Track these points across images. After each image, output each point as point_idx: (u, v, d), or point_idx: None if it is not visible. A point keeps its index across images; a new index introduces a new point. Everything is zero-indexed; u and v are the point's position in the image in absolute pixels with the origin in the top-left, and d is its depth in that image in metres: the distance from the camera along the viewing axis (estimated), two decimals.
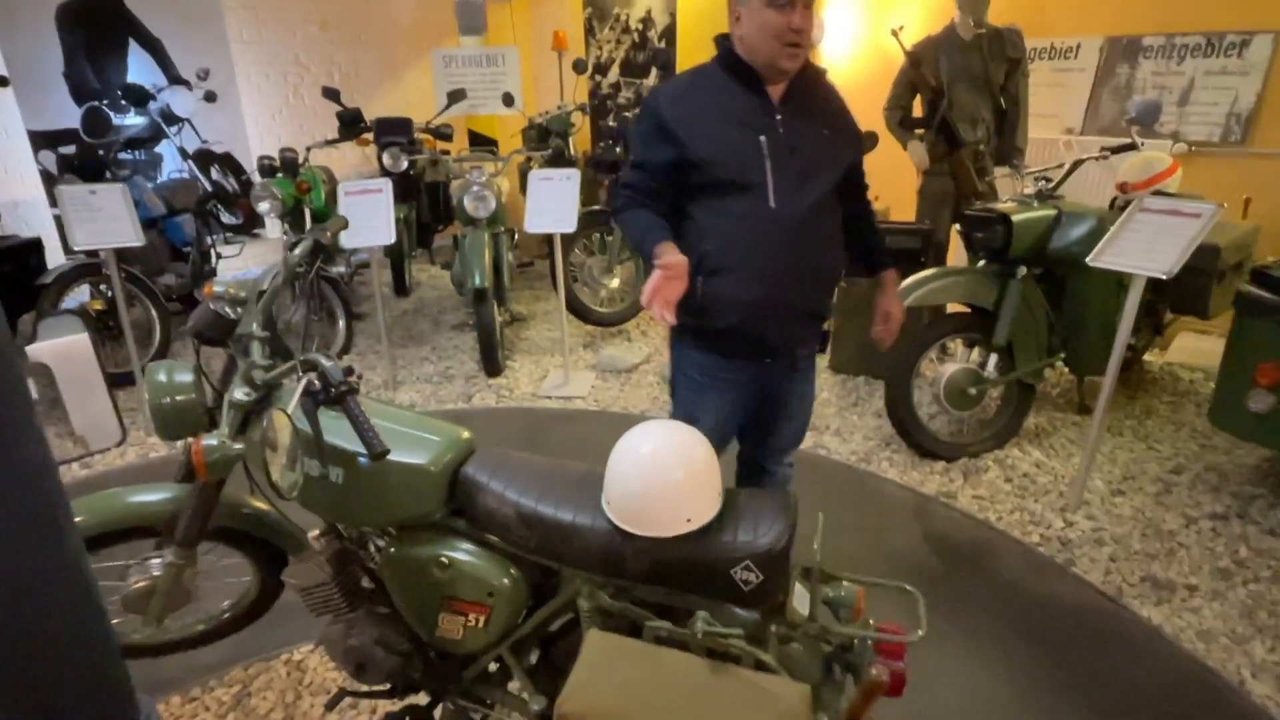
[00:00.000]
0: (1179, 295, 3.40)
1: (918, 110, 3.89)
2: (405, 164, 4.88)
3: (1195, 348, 4.00)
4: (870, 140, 3.79)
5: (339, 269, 4.44)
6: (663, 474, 1.28)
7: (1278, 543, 2.57)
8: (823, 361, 4.14)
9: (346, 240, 3.59)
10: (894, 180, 4.56)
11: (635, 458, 1.30)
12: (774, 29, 1.61)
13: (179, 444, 1.74)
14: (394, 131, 4.95)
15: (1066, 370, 3.43)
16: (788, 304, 1.78)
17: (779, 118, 1.70)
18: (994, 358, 3.02)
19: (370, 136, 5.04)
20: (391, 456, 1.37)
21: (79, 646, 1.17)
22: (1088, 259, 2.52)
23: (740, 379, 1.87)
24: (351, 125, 4.79)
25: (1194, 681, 2.04)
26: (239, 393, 1.46)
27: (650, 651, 1.27)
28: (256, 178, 4.17)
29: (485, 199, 3.98)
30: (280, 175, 4.08)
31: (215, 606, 1.96)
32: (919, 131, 3.85)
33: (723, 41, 1.76)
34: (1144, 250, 2.44)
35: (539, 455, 1.54)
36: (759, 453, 2.07)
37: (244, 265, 5.63)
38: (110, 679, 1.24)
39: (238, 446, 1.42)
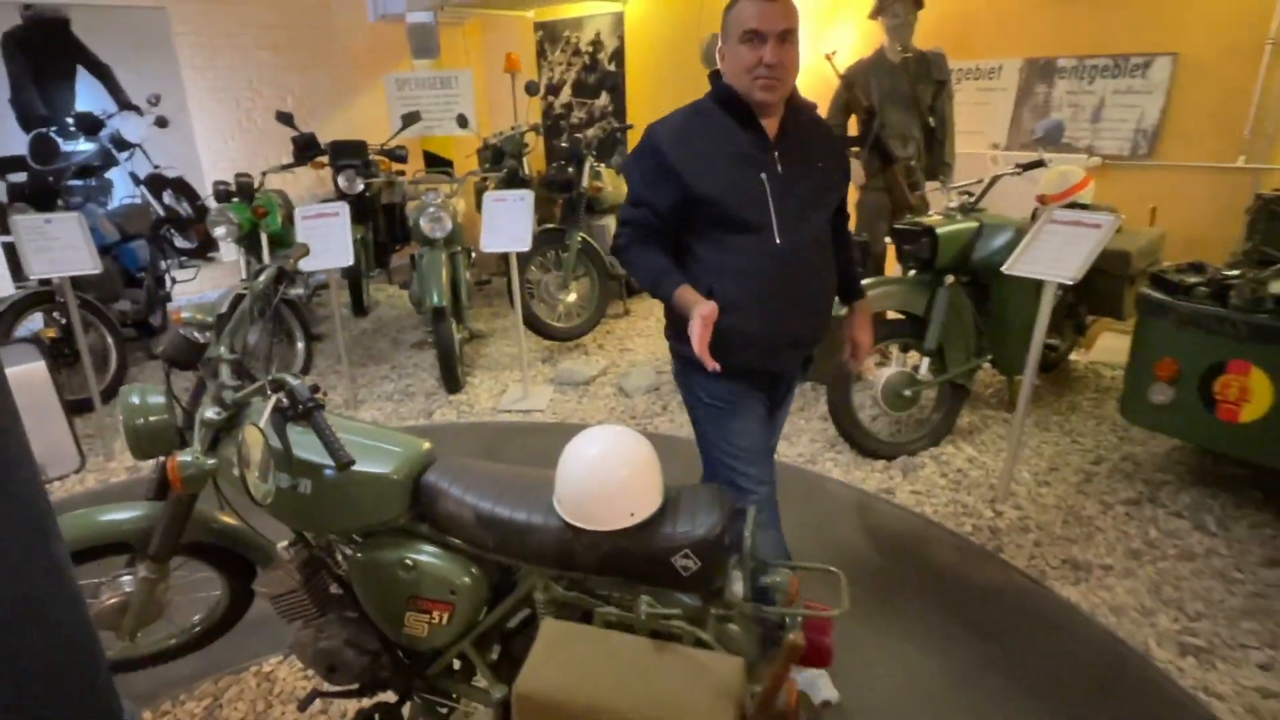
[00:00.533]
0: (1096, 298, 3.66)
1: (853, 129, 4.11)
2: (361, 186, 4.96)
3: (1116, 347, 4.27)
4: None
5: (297, 291, 4.50)
6: (608, 473, 1.41)
7: (1182, 524, 2.80)
8: None
9: (305, 263, 3.66)
10: None
11: (583, 459, 1.44)
12: (746, 64, 1.65)
13: (150, 463, 1.82)
14: (349, 154, 5.03)
15: (995, 370, 3.65)
16: (793, 335, 1.84)
17: (776, 154, 1.73)
18: (927, 361, 3.22)
19: (325, 160, 5.10)
20: (357, 467, 1.47)
21: (71, 657, 1.25)
22: (1003, 267, 2.74)
23: (756, 395, 1.90)
24: (307, 150, 4.85)
25: (1106, 652, 2.24)
26: (210, 412, 1.55)
27: (600, 635, 1.39)
28: (212, 203, 4.21)
29: (441, 220, 4.08)
30: (236, 200, 4.13)
31: (186, 621, 2.03)
32: (854, 149, 4.07)
33: (716, 78, 1.78)
34: (1053, 258, 2.66)
35: (494, 463, 1.66)
36: (730, 476, 2.06)
37: (199, 289, 5.62)
38: (99, 687, 1.33)
39: (211, 462, 1.51)
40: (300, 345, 4.25)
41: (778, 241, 1.72)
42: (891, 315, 3.37)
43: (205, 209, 5.47)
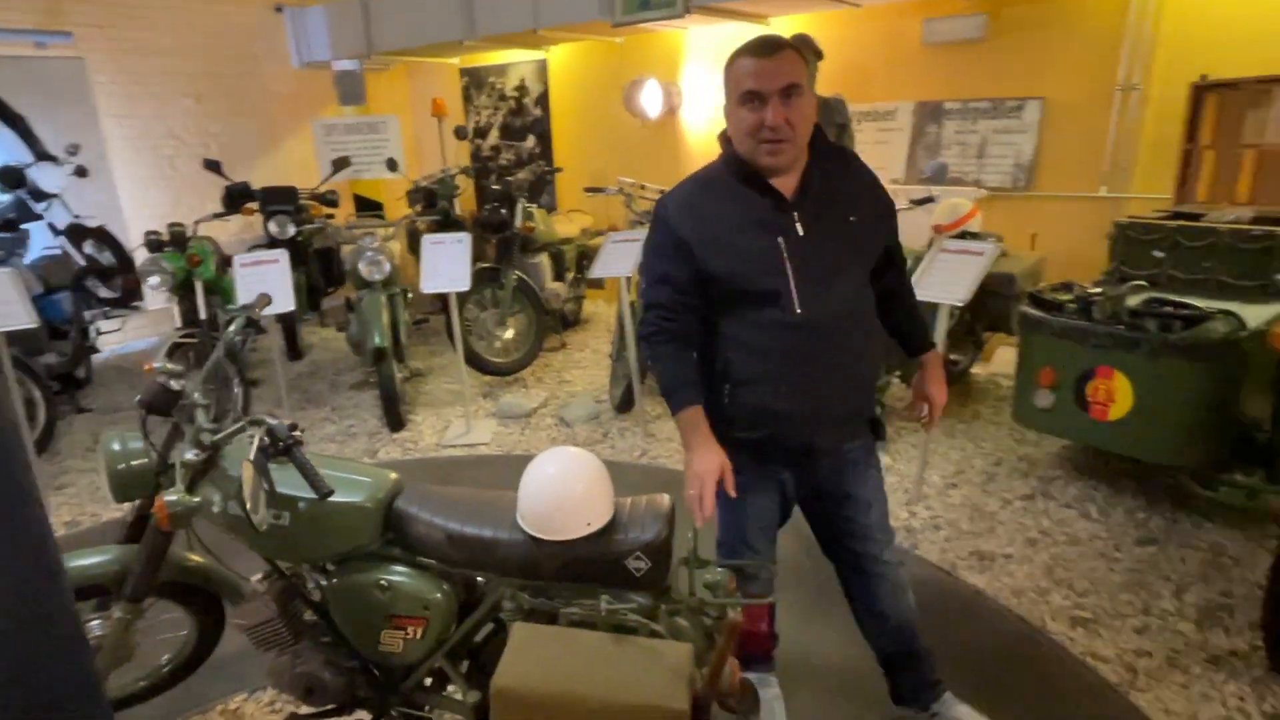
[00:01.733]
0: (990, 316, 4.08)
1: None
2: (293, 231, 5.02)
3: (1011, 359, 4.72)
4: None
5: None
6: (566, 489, 1.60)
7: (1070, 513, 3.16)
8: None
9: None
10: None
11: (543, 477, 1.62)
12: (748, 127, 1.55)
13: (126, 506, 1.89)
14: (280, 200, 5.08)
15: (906, 385, 4.00)
16: (822, 411, 1.68)
17: (796, 215, 1.60)
18: None
19: (255, 206, 5.14)
20: (334, 497, 1.61)
21: (74, 688, 1.34)
22: None
23: (775, 481, 1.79)
24: (241, 198, 4.89)
25: (1009, 629, 2.52)
26: (189, 454, 1.66)
27: (565, 633, 1.57)
28: (143, 252, 4.21)
29: (379, 263, 4.20)
30: (169, 249, 4.15)
31: (154, 662, 2.08)
32: None
33: (725, 141, 1.68)
34: (946, 283, 3.00)
35: (456, 487, 1.82)
36: (847, 557, 1.91)
37: (124, 340, 5.52)
38: (97, 699, 1.42)
39: (197, 499, 1.62)
40: (237, 390, 4.26)
41: (798, 311, 1.59)
42: None
43: (130, 258, 5.41)
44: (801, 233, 1.60)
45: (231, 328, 1.86)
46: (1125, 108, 4.20)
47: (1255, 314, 2.81)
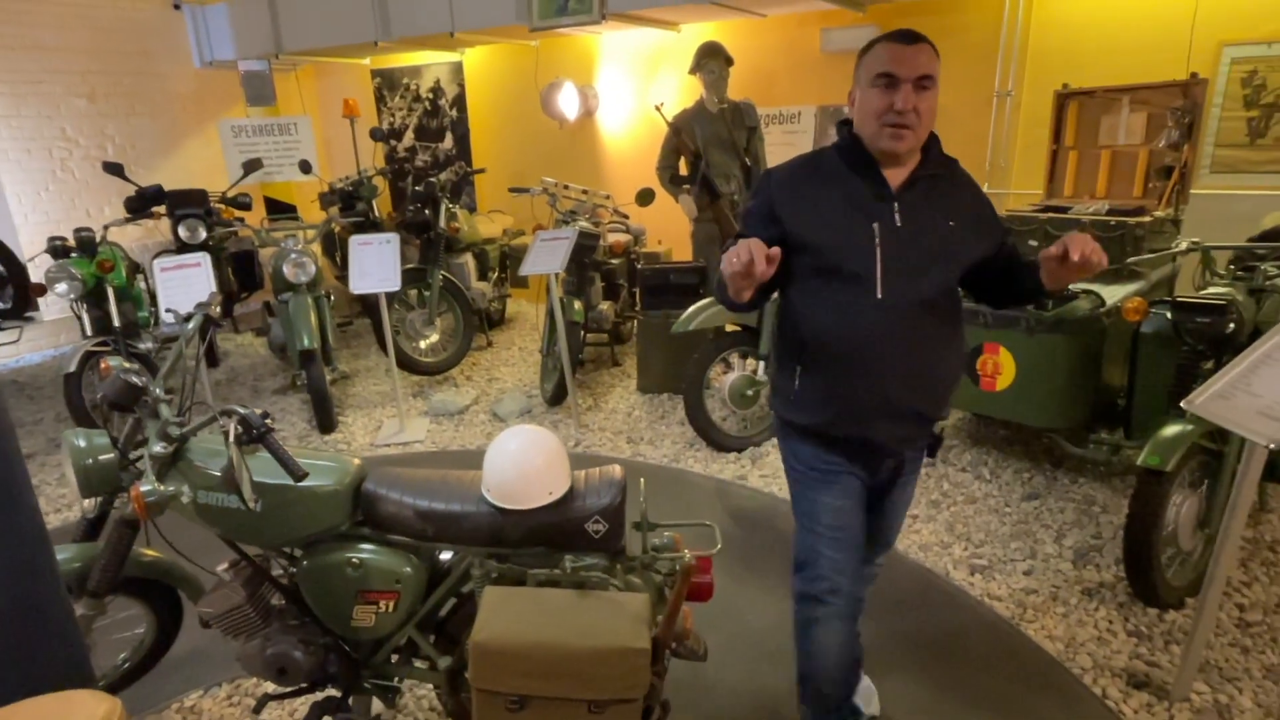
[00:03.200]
0: None
1: (684, 169, 4.68)
2: (204, 235, 4.90)
3: None
4: (645, 196, 4.52)
5: (145, 345, 4.38)
6: (528, 461, 1.74)
7: (967, 476, 3.52)
8: (633, 384, 4.77)
9: (168, 316, 3.64)
10: (673, 228, 5.37)
11: (506, 452, 1.76)
12: (876, 109, 1.55)
13: (87, 503, 1.91)
14: (188, 203, 4.94)
15: None
16: (890, 402, 1.65)
17: (896, 205, 1.60)
18: (763, 364, 3.79)
19: (162, 210, 4.98)
20: (306, 483, 1.71)
21: (68, 671, 1.40)
22: None
23: (846, 470, 1.74)
24: (151, 201, 4.74)
25: (919, 579, 2.83)
26: (157, 447, 1.71)
27: (533, 591, 1.72)
28: (47, 259, 4.04)
29: (305, 265, 4.19)
30: (76, 255, 4.00)
31: (112, 661, 2.09)
32: (686, 186, 4.64)
33: (842, 126, 1.70)
34: None
35: (420, 469, 1.93)
36: None
37: (18, 353, 5.23)
38: (86, 676, 1.48)
39: (172, 488, 1.68)
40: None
41: (879, 295, 1.59)
42: (730, 328, 3.92)
43: (22, 266, 5.13)
44: (899, 223, 1.59)
45: (190, 325, 1.90)
46: (1002, 113, 4.66)
47: (1112, 293, 3.23)
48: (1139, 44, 4.22)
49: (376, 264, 3.95)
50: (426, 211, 4.90)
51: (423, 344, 4.96)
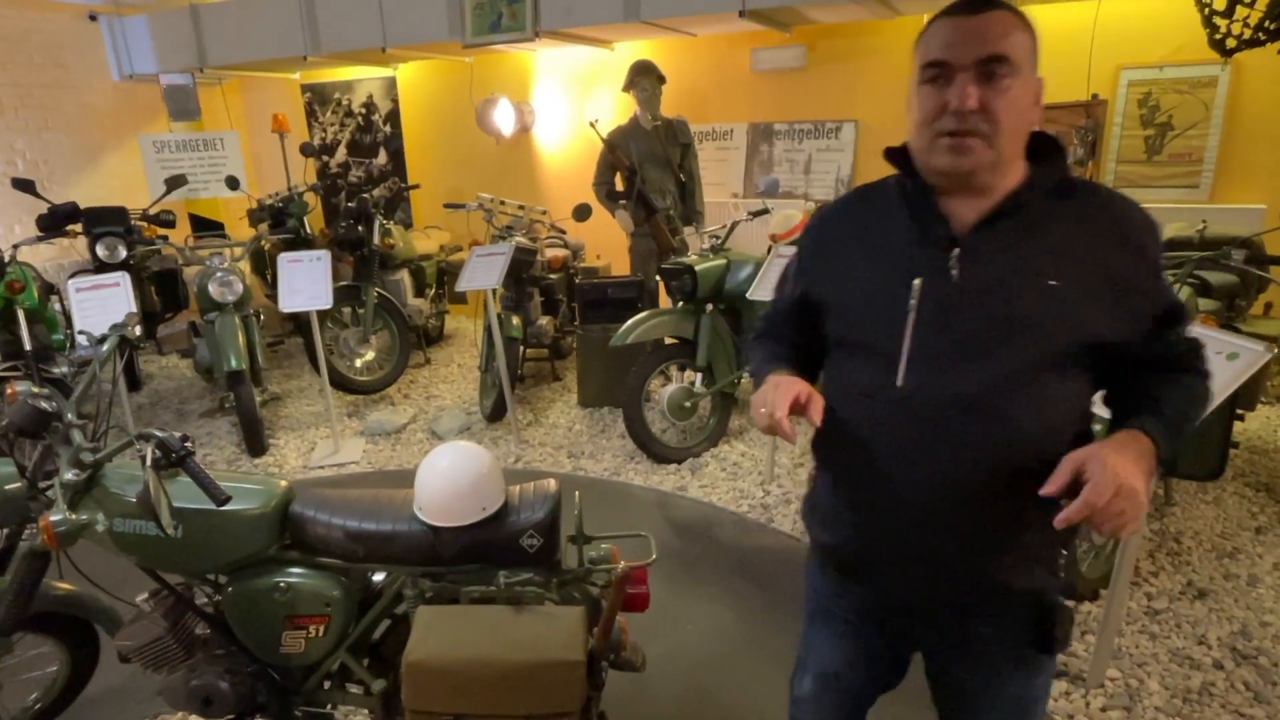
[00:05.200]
0: None
1: (619, 185, 4.74)
2: (124, 254, 4.71)
3: None
4: (582, 211, 4.56)
5: (61, 369, 4.18)
6: (460, 477, 1.74)
7: None
8: (573, 399, 4.77)
9: (82, 338, 3.49)
10: (611, 242, 5.41)
11: (438, 470, 1.75)
12: (925, 112, 1.08)
13: None
14: (107, 221, 4.75)
15: None
16: (912, 543, 1.15)
17: (957, 253, 1.09)
18: (700, 376, 3.85)
19: (79, 228, 4.77)
20: (229, 507, 1.66)
21: None
22: (748, 294, 3.43)
23: (857, 621, 1.30)
24: (66, 219, 4.54)
25: None
26: (69, 474, 1.65)
27: (467, 609, 1.71)
28: None
29: (231, 283, 4.07)
30: None
31: (21, 703, 1.99)
32: (622, 202, 4.69)
33: (894, 152, 1.21)
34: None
35: (350, 489, 1.91)
36: None
37: None
38: None
39: (84, 517, 1.62)
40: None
41: (899, 383, 1.10)
42: (669, 340, 3.97)
43: None
44: (955, 276, 1.09)
45: (105, 347, 1.84)
46: None
47: None
48: (1044, 66, 4.45)
49: (307, 281, 3.87)
50: (360, 228, 4.83)
51: (358, 362, 4.86)
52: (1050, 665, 1.24)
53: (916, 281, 1.10)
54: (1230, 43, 3.03)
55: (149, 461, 1.53)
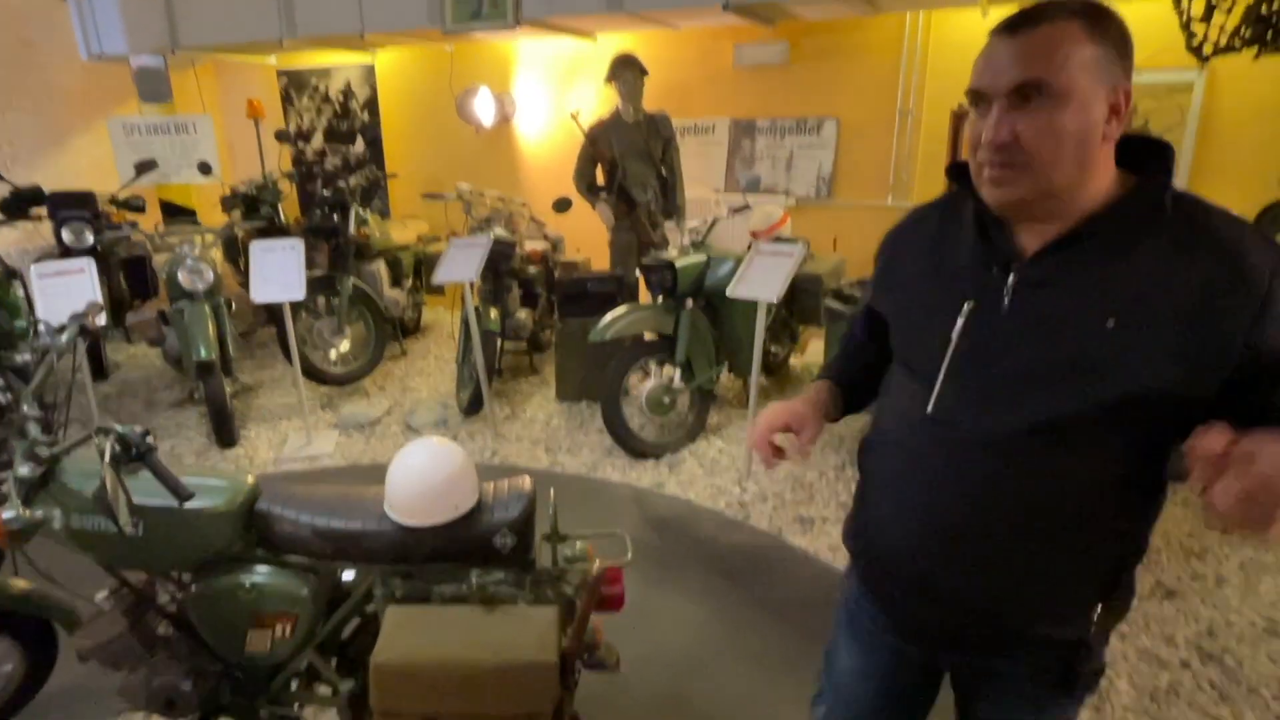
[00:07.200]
0: (803, 311, 4.56)
1: (600, 178, 4.70)
2: (91, 240, 4.59)
3: (822, 349, 5.29)
4: (563, 204, 4.51)
5: (22, 357, 4.06)
6: (432, 476, 1.71)
7: None
8: (551, 392, 4.74)
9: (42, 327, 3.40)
10: (591, 235, 5.37)
11: (409, 468, 1.72)
12: (968, 141, 1.04)
13: None
14: (73, 206, 4.62)
15: (734, 375, 4.39)
16: (921, 575, 1.13)
17: (1013, 279, 1.02)
18: (679, 372, 3.83)
19: (43, 212, 4.64)
20: (192, 504, 1.62)
21: None
22: (728, 291, 3.41)
23: (879, 630, 1.27)
24: (30, 202, 4.41)
25: (828, 579, 2.91)
26: (24, 469, 1.59)
27: (438, 609, 1.68)
28: None
29: (201, 271, 3.98)
30: None
31: None
32: (603, 195, 4.65)
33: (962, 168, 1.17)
34: (761, 281, 3.37)
35: (319, 485, 1.86)
36: None
37: None
38: None
39: (39, 513, 1.56)
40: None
41: (928, 409, 1.08)
42: (648, 336, 3.95)
43: None
44: (1009, 302, 1.02)
45: (64, 336, 1.78)
46: (904, 129, 4.88)
47: None
48: None
49: (280, 271, 3.80)
50: (335, 216, 4.74)
51: (332, 353, 4.78)
52: (1074, 709, 1.20)
53: (967, 305, 1.05)
54: (1207, 49, 3.06)
55: (107, 457, 1.48)
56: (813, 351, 5.22)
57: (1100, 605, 1.07)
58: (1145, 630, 2.55)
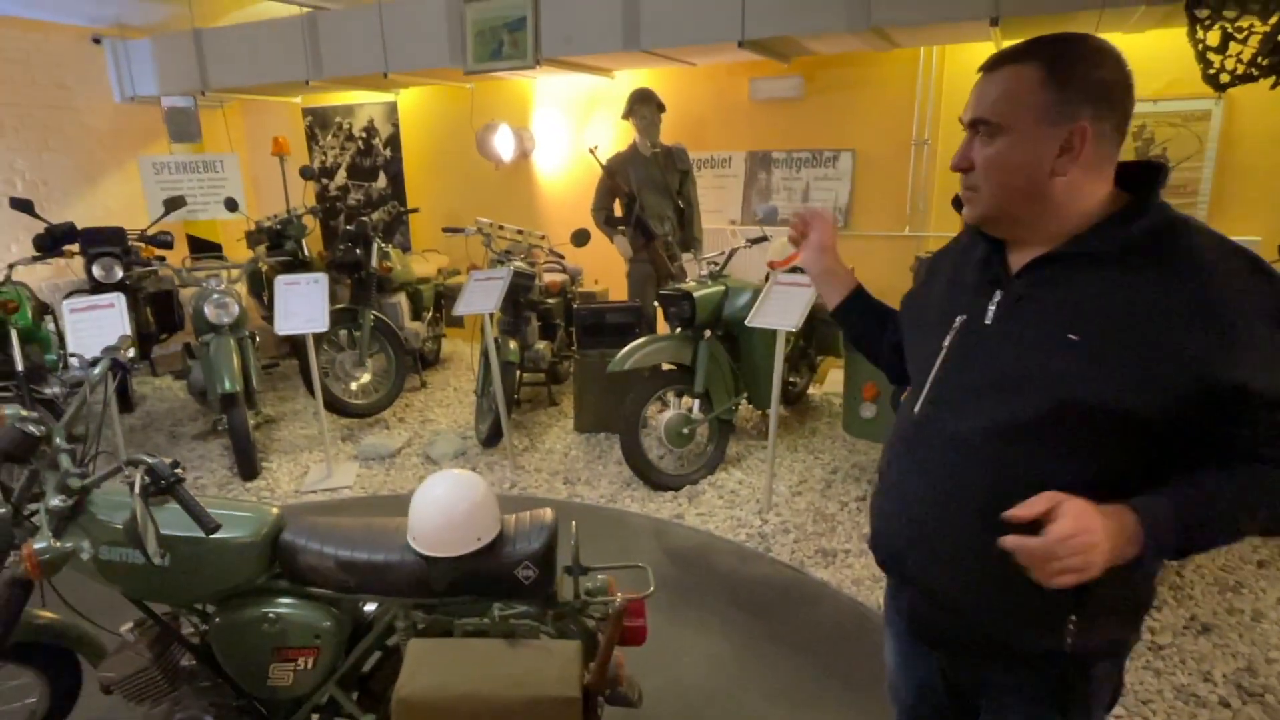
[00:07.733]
0: (822, 342, 4.56)
1: (618, 211, 4.75)
2: (120, 274, 4.69)
3: (841, 379, 5.27)
4: (581, 237, 4.56)
5: (53, 390, 4.14)
6: (455, 508, 1.71)
7: None
8: (570, 424, 4.74)
9: (74, 360, 3.46)
10: (609, 267, 5.42)
11: (432, 499, 1.72)
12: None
13: None
14: (104, 242, 4.73)
15: (753, 406, 4.38)
16: (908, 568, 1.19)
17: (999, 295, 1.12)
18: (697, 402, 3.82)
19: (75, 249, 4.76)
20: (218, 535, 1.63)
21: None
22: (746, 321, 3.42)
23: (905, 634, 1.33)
24: (63, 239, 4.53)
25: (850, 613, 2.86)
26: (55, 500, 1.62)
27: (461, 642, 1.67)
28: None
29: (228, 305, 4.05)
30: None
31: None
32: (621, 228, 4.70)
33: None
34: (780, 312, 3.37)
35: (342, 517, 1.87)
36: None
37: None
38: None
39: (69, 545, 1.58)
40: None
41: (915, 409, 1.19)
42: (666, 366, 3.95)
43: None
44: (989, 320, 1.12)
45: (96, 370, 1.81)
46: (920, 159, 4.90)
47: None
48: None
49: (303, 304, 3.86)
50: (358, 251, 4.82)
51: (354, 385, 4.83)
52: None
53: (959, 319, 1.17)
54: (1224, 78, 3.06)
55: (137, 488, 1.50)
56: (832, 382, 5.20)
57: (1075, 616, 1.06)
58: (1181, 666, 2.48)
